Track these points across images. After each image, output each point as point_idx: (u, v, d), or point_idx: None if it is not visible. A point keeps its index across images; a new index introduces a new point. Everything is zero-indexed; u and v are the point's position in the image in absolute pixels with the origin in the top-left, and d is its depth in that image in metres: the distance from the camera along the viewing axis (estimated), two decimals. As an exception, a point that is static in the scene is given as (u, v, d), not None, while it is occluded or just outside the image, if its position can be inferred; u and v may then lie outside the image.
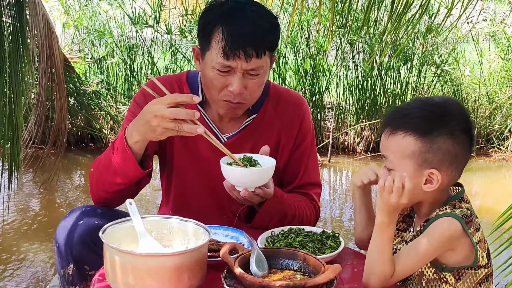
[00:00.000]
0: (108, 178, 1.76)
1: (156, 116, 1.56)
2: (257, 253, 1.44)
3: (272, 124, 1.95)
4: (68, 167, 5.59)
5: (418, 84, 6.57)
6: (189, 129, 1.56)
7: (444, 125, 1.47)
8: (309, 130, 2.01)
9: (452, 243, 1.45)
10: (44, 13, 4.69)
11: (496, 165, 6.29)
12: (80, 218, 1.75)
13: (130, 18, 6.07)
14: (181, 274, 1.35)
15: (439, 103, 1.53)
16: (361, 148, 6.39)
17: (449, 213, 1.46)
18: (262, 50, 1.74)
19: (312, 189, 2.00)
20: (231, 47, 1.70)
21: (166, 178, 2.03)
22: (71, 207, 4.55)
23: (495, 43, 7.23)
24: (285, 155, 1.97)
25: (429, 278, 1.50)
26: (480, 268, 1.48)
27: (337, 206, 4.96)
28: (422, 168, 1.47)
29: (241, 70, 1.74)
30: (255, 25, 1.73)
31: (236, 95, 1.77)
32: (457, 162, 1.49)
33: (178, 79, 1.97)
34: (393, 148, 1.50)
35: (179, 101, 1.56)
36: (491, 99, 6.67)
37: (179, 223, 1.55)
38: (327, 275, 1.34)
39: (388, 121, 1.54)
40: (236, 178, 1.69)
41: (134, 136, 1.67)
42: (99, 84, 6.23)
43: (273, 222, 1.81)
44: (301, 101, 2.02)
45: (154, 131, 1.60)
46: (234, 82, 1.75)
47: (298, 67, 6.22)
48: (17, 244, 3.77)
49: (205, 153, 1.90)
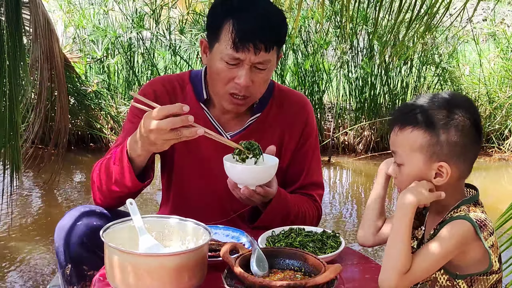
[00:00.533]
0: (108, 186, 1.77)
1: (151, 130, 1.56)
2: (257, 253, 1.44)
3: (276, 123, 1.96)
4: (69, 167, 5.59)
5: (418, 84, 6.57)
6: (190, 133, 1.57)
7: (451, 117, 1.47)
8: (312, 131, 2.01)
9: (463, 245, 1.44)
10: (44, 13, 4.69)
11: (496, 165, 6.29)
12: (78, 219, 1.75)
13: (132, 19, 6.07)
14: (181, 274, 1.35)
15: (445, 97, 1.54)
16: (361, 148, 6.39)
17: (463, 216, 1.45)
18: (270, 44, 1.76)
19: (315, 190, 2.00)
20: (241, 39, 1.73)
21: (166, 177, 2.03)
22: (71, 207, 4.56)
23: (495, 43, 7.23)
24: (288, 155, 1.97)
25: (442, 284, 1.49)
26: (492, 273, 1.47)
27: (338, 206, 4.96)
28: (431, 162, 1.48)
29: (249, 63, 1.76)
30: (265, 19, 1.76)
31: (242, 88, 1.78)
32: (465, 155, 1.49)
33: (180, 79, 1.97)
34: (402, 143, 1.51)
35: (169, 114, 1.56)
36: (491, 99, 6.67)
37: (179, 223, 1.55)
38: (328, 275, 1.34)
39: (396, 117, 1.54)
40: (237, 176, 1.69)
41: (136, 150, 1.68)
42: (100, 84, 6.23)
43: (276, 222, 1.81)
44: (305, 101, 2.03)
45: (155, 144, 1.61)
46: (241, 75, 1.77)
47: (298, 67, 6.22)
48: (17, 244, 3.77)
49: (206, 153, 1.91)
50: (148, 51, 6.26)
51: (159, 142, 1.59)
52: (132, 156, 1.70)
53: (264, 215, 1.82)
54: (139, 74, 6.37)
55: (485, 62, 6.75)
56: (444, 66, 6.43)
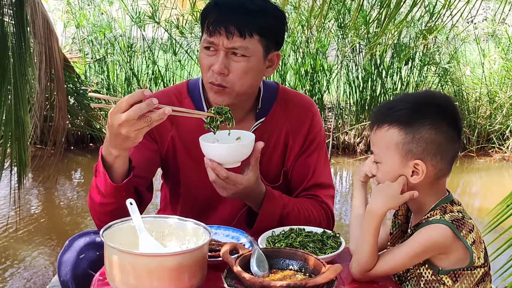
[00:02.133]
0: (98, 201, 1.75)
1: (120, 124, 1.53)
2: (257, 253, 1.44)
3: (281, 127, 1.94)
4: (68, 167, 5.60)
5: (419, 84, 6.58)
6: (158, 115, 1.53)
7: (426, 115, 1.49)
8: (318, 133, 1.98)
9: (442, 248, 1.47)
10: (44, 13, 4.70)
11: (496, 165, 6.29)
12: (81, 252, 1.74)
13: (132, 17, 6.07)
14: (181, 274, 1.34)
15: (421, 95, 1.58)
16: (361, 148, 6.39)
17: (438, 219, 1.48)
18: (246, 30, 1.74)
19: (321, 191, 1.96)
20: (213, 23, 1.74)
21: (170, 190, 2.01)
22: (71, 207, 4.56)
23: (495, 42, 7.23)
24: (292, 157, 1.95)
25: (427, 279, 1.51)
26: (476, 268, 1.49)
27: (338, 206, 4.96)
28: (406, 159, 1.49)
29: (223, 48, 1.74)
30: (241, 6, 1.75)
31: (218, 75, 1.76)
32: (441, 153, 1.50)
33: (177, 92, 1.94)
34: (379, 141, 1.53)
35: (132, 101, 1.52)
36: (491, 99, 6.67)
37: (179, 223, 1.55)
38: (328, 275, 1.34)
39: (375, 117, 1.57)
40: (212, 153, 1.66)
41: (112, 152, 1.64)
42: (99, 84, 6.23)
43: (274, 224, 1.79)
44: (310, 104, 2.00)
45: (128, 138, 1.57)
46: (216, 61, 1.76)
47: (298, 67, 6.22)
48: (17, 244, 3.76)
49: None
50: (149, 50, 6.26)
51: (132, 134, 1.55)
52: (109, 161, 1.66)
53: (259, 217, 1.81)
54: (139, 74, 6.37)
55: (485, 62, 6.75)
56: (445, 67, 6.43)
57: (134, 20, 6.03)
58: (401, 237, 1.62)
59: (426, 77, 6.64)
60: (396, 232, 1.62)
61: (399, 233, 1.63)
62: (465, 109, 6.62)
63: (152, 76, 6.38)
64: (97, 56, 6.27)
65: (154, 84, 6.34)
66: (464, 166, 6.12)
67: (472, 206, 5.06)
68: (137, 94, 1.52)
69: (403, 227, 1.63)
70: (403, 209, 1.64)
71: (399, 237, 1.62)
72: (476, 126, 6.58)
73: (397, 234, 1.62)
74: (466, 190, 5.60)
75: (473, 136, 6.56)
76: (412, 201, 1.55)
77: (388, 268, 1.50)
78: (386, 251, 1.54)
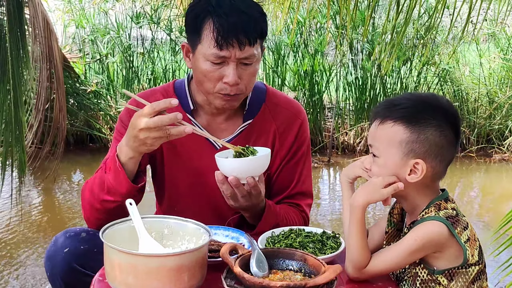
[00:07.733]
0: (100, 198, 1.75)
1: (141, 129, 1.57)
2: (257, 254, 1.44)
3: (268, 130, 1.93)
4: (68, 167, 5.59)
5: (418, 84, 6.58)
6: (178, 131, 1.58)
7: (433, 116, 1.50)
8: (305, 140, 1.99)
9: (437, 246, 1.47)
10: (44, 13, 4.70)
11: (496, 165, 6.29)
12: (64, 246, 1.75)
13: (131, 17, 6.07)
14: (181, 274, 1.34)
15: (427, 96, 1.58)
16: (361, 148, 6.39)
17: (433, 216, 1.48)
18: (254, 38, 1.74)
19: (303, 200, 1.98)
20: (223, 36, 1.71)
21: (157, 188, 2.02)
22: (70, 208, 4.56)
23: (495, 43, 7.23)
24: (277, 162, 1.94)
25: (423, 279, 1.51)
26: (471, 266, 1.49)
27: (338, 207, 4.96)
28: (407, 158, 1.49)
29: (234, 59, 1.73)
30: (245, 14, 1.74)
31: (232, 87, 1.76)
32: (442, 155, 1.51)
33: (164, 91, 1.95)
34: (381, 136, 1.53)
35: (158, 109, 1.56)
36: (491, 99, 6.67)
37: (179, 223, 1.55)
38: (328, 275, 1.34)
39: (378, 111, 1.56)
40: (229, 167, 1.67)
41: (127, 152, 1.67)
42: (99, 84, 6.23)
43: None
44: (299, 109, 2.00)
45: (145, 144, 1.61)
46: (229, 73, 1.74)
47: (297, 67, 6.22)
48: (16, 245, 3.76)
49: (198, 163, 1.89)
50: (148, 52, 6.26)
51: (149, 141, 1.59)
52: (123, 160, 1.69)
53: (258, 229, 1.81)
54: (139, 74, 6.37)
55: (485, 63, 6.75)
56: (444, 67, 6.43)
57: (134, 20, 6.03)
58: (397, 236, 1.63)
59: (425, 77, 6.63)
60: (391, 231, 1.63)
61: (395, 231, 1.63)
62: (464, 109, 6.62)
63: (151, 77, 6.38)
64: (97, 56, 6.26)
65: (153, 84, 6.34)
66: (464, 167, 6.12)
67: (472, 206, 5.06)
68: (164, 103, 1.56)
69: (398, 226, 1.64)
70: (398, 208, 1.65)
71: (395, 235, 1.63)
72: (476, 127, 6.58)
73: (392, 233, 1.63)
74: (466, 190, 5.60)
75: (473, 136, 6.56)
76: (406, 201, 1.56)
77: (384, 267, 1.50)
78: (382, 250, 1.55)
